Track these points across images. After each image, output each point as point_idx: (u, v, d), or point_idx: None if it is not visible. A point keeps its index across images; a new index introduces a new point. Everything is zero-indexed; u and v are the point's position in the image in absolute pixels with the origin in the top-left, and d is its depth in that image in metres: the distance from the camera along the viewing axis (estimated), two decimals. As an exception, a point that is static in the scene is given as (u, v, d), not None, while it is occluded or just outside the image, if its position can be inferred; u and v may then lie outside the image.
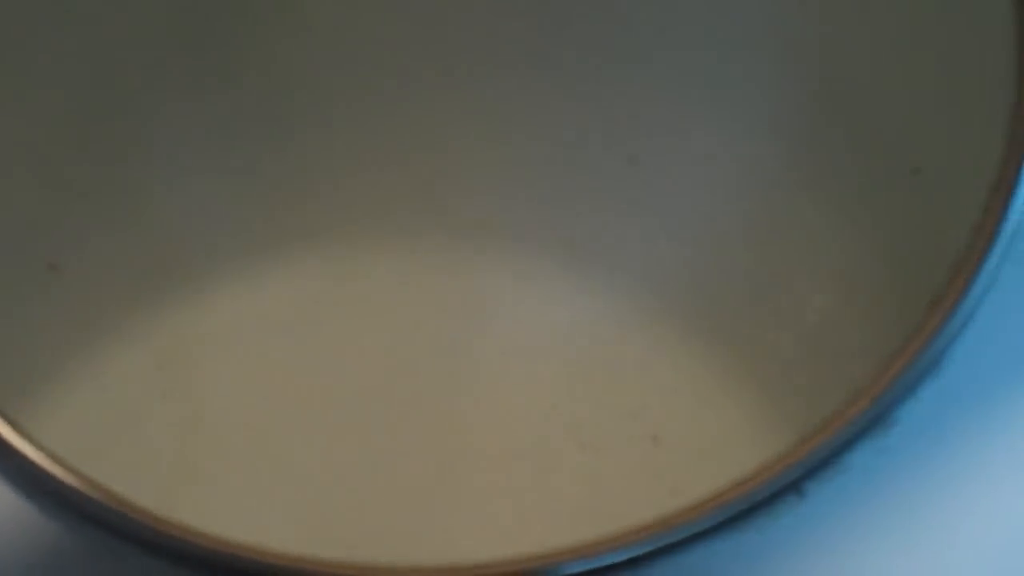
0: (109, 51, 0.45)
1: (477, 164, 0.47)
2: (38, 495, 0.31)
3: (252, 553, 0.30)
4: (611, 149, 0.46)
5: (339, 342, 0.45)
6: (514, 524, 0.42)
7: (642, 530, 0.30)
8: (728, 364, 0.44)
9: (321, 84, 0.47)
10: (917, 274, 0.37)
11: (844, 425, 0.31)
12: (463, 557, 0.30)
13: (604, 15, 0.46)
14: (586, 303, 0.46)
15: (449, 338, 0.45)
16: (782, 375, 0.43)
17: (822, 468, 0.31)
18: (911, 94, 0.41)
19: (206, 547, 0.30)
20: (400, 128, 0.47)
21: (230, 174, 0.47)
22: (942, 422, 0.32)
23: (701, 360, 0.44)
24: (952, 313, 0.32)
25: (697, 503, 0.30)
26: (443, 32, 0.46)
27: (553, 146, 0.47)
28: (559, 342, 0.46)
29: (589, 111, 0.46)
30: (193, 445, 0.44)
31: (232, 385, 0.45)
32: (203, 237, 0.46)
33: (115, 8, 0.45)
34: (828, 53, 0.43)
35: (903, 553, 0.30)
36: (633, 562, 0.30)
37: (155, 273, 0.46)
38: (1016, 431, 0.31)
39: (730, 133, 0.45)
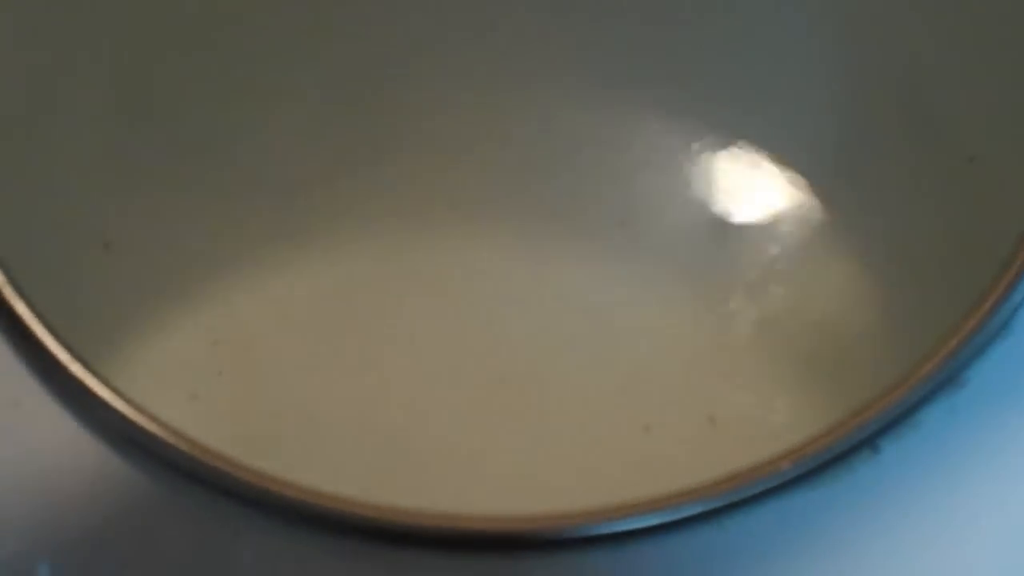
0: (154, 33, 0.46)
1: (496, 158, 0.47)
2: (126, 446, 0.31)
3: (344, 504, 0.31)
4: (662, 133, 0.47)
5: (393, 317, 0.46)
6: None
7: (720, 483, 0.31)
8: (787, 344, 0.45)
9: (358, 81, 0.47)
10: (975, 257, 0.38)
11: (917, 383, 0.31)
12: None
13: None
14: (640, 287, 0.46)
15: (501, 319, 0.46)
16: (839, 358, 0.44)
17: (896, 424, 0.31)
18: (967, 79, 0.42)
19: (294, 497, 0.31)
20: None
21: (281, 156, 0.47)
22: (1012, 381, 0.32)
23: (758, 340, 0.45)
24: (1022, 274, 0.32)
25: (774, 457, 0.31)
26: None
27: (590, 126, 0.47)
28: (605, 325, 0.46)
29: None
30: (250, 422, 0.44)
31: (289, 361, 0.45)
32: (255, 216, 0.46)
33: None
34: (884, 37, 0.44)
35: (976, 507, 0.31)
36: (710, 514, 0.30)
37: (209, 251, 0.46)
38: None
39: (782, 114, 0.46)
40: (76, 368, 0.32)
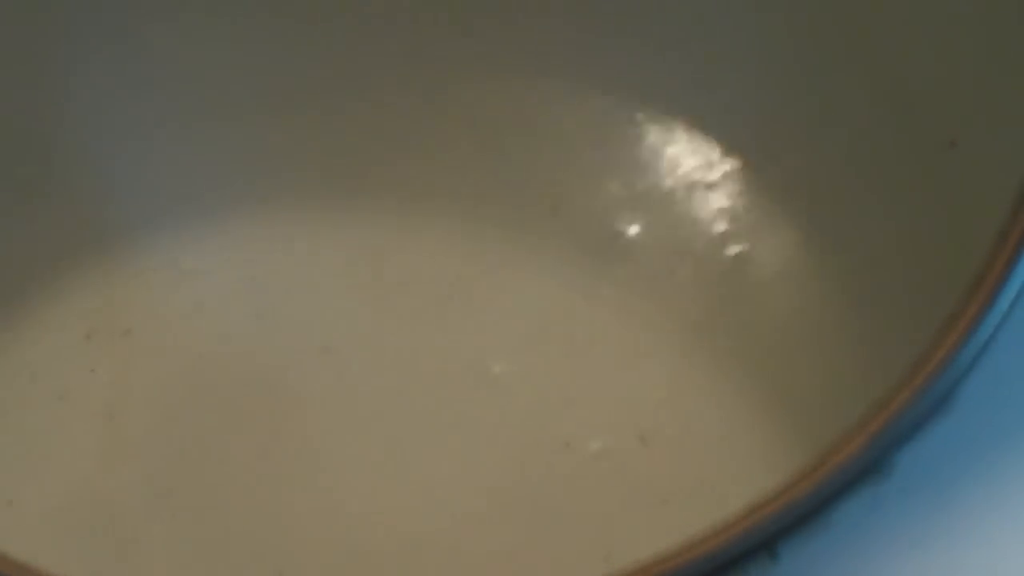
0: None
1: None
2: None
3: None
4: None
5: (278, 309, 0.41)
6: (492, 519, 0.38)
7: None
8: (722, 363, 0.39)
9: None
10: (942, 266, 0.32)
11: (830, 473, 0.26)
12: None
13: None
14: (578, 294, 0.41)
15: (424, 319, 0.41)
16: (780, 375, 0.39)
17: (801, 524, 0.26)
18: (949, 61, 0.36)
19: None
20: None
21: (150, 134, 0.42)
22: (949, 469, 0.27)
23: (692, 357, 0.39)
24: (968, 338, 0.26)
25: (644, 566, 0.25)
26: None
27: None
28: (544, 333, 0.41)
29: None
30: (118, 424, 0.40)
31: (161, 359, 0.40)
32: (132, 202, 0.42)
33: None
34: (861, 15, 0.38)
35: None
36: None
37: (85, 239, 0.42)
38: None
39: (754, 104, 0.40)
40: None
